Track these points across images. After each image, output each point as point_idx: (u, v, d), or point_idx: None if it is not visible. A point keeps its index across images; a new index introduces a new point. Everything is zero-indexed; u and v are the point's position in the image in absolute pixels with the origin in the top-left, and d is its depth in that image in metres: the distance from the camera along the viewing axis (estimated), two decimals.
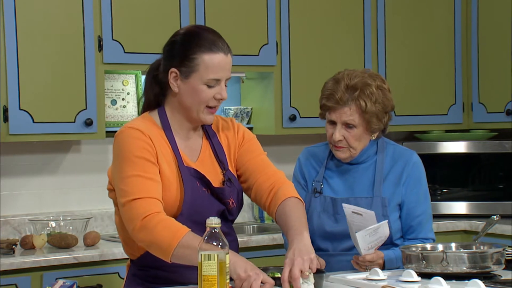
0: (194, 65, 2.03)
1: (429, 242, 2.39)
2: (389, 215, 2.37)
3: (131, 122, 2.09)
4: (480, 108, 4.03)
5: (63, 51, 3.23)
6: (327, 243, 2.41)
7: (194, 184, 2.06)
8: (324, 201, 2.42)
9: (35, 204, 3.47)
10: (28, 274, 2.94)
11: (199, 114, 2.07)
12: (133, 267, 2.14)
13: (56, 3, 3.22)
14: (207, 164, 2.12)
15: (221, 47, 2.06)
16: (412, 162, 2.41)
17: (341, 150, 2.37)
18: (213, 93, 2.06)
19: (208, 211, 2.06)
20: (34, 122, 3.19)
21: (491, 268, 2.10)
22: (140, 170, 1.99)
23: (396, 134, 4.17)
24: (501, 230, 3.47)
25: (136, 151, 2.01)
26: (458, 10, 4.07)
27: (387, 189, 2.39)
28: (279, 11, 3.68)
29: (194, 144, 2.14)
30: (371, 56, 3.89)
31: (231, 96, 3.93)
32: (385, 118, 2.37)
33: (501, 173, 3.89)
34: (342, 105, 2.32)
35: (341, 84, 2.32)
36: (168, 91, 2.10)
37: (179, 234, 1.92)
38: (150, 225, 1.94)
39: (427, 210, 2.42)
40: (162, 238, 1.92)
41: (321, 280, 2.02)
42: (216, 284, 1.84)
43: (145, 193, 1.97)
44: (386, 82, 2.38)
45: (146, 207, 1.96)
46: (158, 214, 1.95)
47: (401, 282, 2.07)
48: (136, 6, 3.38)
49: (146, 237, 1.95)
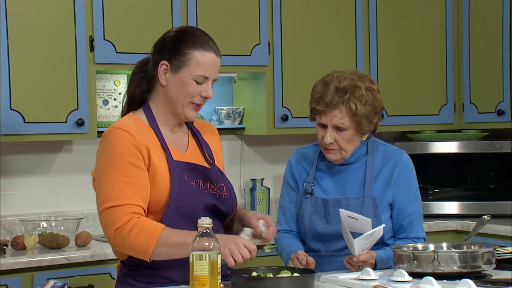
0: (186, 60, 2.08)
1: (420, 241, 2.40)
2: (380, 215, 2.38)
3: (118, 122, 2.11)
4: (472, 109, 4.04)
5: (55, 51, 3.22)
6: (318, 244, 2.42)
7: (181, 177, 2.08)
8: (315, 202, 2.42)
9: (26, 205, 3.46)
10: (19, 274, 2.93)
11: (183, 109, 2.10)
12: (123, 268, 2.14)
13: (47, 3, 3.21)
14: (195, 158, 2.16)
15: (213, 47, 2.12)
16: (403, 161, 2.42)
17: (333, 152, 2.37)
18: (199, 90, 2.10)
19: (196, 204, 2.08)
20: (25, 122, 3.18)
21: (481, 267, 2.11)
22: (121, 175, 2.02)
23: (388, 134, 4.18)
24: (492, 230, 3.49)
25: (119, 154, 2.03)
26: (450, 10, 4.09)
27: (378, 189, 2.40)
28: (271, 11, 3.69)
29: (181, 139, 2.17)
30: (363, 56, 3.90)
31: (223, 96, 3.93)
32: (375, 119, 2.37)
33: (492, 173, 3.91)
34: (333, 108, 2.32)
35: (331, 87, 2.32)
36: (155, 86, 2.13)
37: (154, 236, 1.96)
38: (123, 232, 1.98)
39: (418, 209, 2.43)
40: (138, 244, 1.98)
41: (312, 280, 2.02)
42: (208, 284, 1.84)
43: (121, 200, 2.00)
44: (375, 83, 2.38)
45: (120, 215, 1.99)
46: (130, 221, 1.99)
47: (393, 282, 2.07)
48: (128, 6, 3.37)
49: (122, 244, 2.00)
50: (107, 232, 2.02)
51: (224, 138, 3.93)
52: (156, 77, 2.11)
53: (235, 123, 3.86)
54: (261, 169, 4.01)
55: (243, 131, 3.89)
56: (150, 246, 1.97)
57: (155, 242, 1.96)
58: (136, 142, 2.04)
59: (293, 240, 2.44)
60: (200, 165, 2.14)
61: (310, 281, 2.00)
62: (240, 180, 3.97)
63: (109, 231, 2.01)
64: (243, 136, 3.96)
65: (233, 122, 3.86)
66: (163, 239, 1.97)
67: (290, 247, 2.40)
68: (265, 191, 3.90)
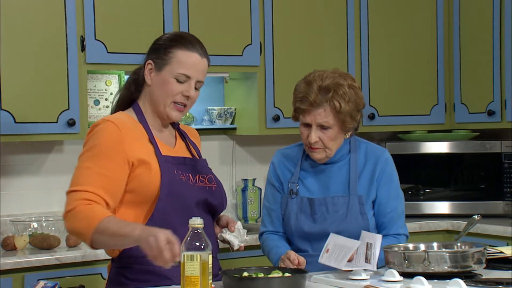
0: (168, 58, 2.12)
1: (402, 237, 2.42)
2: (366, 212, 2.39)
3: (110, 115, 2.16)
4: (462, 109, 4.06)
5: (46, 51, 3.21)
6: (306, 244, 2.42)
7: (171, 171, 2.10)
8: (301, 202, 2.42)
9: (17, 205, 3.45)
10: (10, 275, 2.92)
11: (165, 108, 2.14)
12: (114, 267, 2.15)
13: (38, 3, 3.20)
14: (184, 152, 2.20)
15: (197, 48, 2.15)
16: (384, 158, 2.43)
17: (317, 151, 2.38)
18: (181, 89, 2.12)
19: (188, 197, 2.11)
20: (16, 122, 3.17)
21: (472, 267, 2.12)
22: (93, 164, 2.05)
23: (379, 135, 4.19)
24: (482, 229, 3.50)
25: (100, 144, 2.07)
26: (440, 11, 4.10)
27: (363, 187, 2.41)
28: (262, 12, 3.69)
29: (169, 137, 2.21)
30: (354, 57, 3.90)
31: (215, 96, 3.93)
32: (358, 116, 2.38)
33: (483, 173, 3.92)
34: (316, 107, 2.33)
35: (314, 86, 2.33)
36: (143, 86, 2.18)
37: (94, 222, 1.97)
38: (71, 216, 2.01)
39: (399, 206, 2.45)
40: (80, 228, 2.00)
41: (303, 280, 2.02)
42: (199, 285, 1.84)
43: (81, 185, 2.03)
44: (356, 80, 2.40)
45: (73, 199, 2.03)
46: (79, 207, 2.00)
47: (384, 282, 2.08)
48: (119, 6, 3.36)
49: (68, 227, 2.04)
50: (63, 214, 2.06)
51: (215, 138, 3.93)
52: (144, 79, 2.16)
53: (226, 123, 3.86)
54: (252, 169, 4.01)
55: (235, 131, 3.89)
56: (90, 231, 1.97)
57: (94, 228, 1.97)
58: (122, 136, 2.07)
59: (280, 241, 2.45)
60: (189, 158, 2.18)
61: (301, 281, 2.01)
62: (232, 181, 3.97)
63: (64, 211, 2.05)
64: (234, 136, 3.96)
65: (224, 122, 3.86)
66: (102, 226, 1.96)
67: (278, 248, 2.39)
68: (256, 191, 3.90)
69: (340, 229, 2.37)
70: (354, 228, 2.37)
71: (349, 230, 2.37)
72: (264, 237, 2.48)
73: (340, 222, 2.38)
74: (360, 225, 2.37)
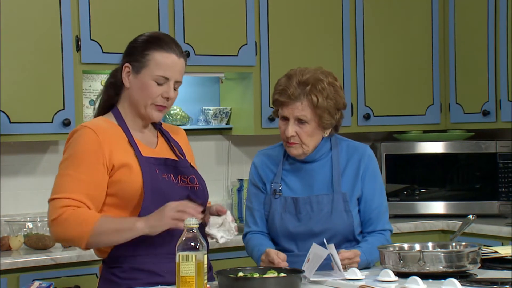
0: (145, 61, 2.13)
1: (387, 233, 2.43)
2: (351, 210, 2.39)
3: (88, 121, 2.17)
4: (457, 109, 4.06)
5: (41, 51, 3.21)
6: (291, 244, 2.41)
7: (153, 171, 2.12)
8: (284, 201, 2.42)
9: (12, 205, 3.44)
10: (5, 275, 2.92)
11: (146, 110, 2.15)
12: (105, 267, 2.16)
13: (33, 3, 3.20)
14: (165, 153, 2.20)
15: (174, 49, 2.15)
16: (367, 154, 2.44)
17: (294, 146, 2.39)
18: (161, 91, 2.13)
19: (171, 195, 2.11)
20: (11, 122, 3.16)
21: (467, 267, 2.12)
22: (74, 170, 2.07)
23: (374, 135, 4.19)
24: (477, 229, 3.51)
25: (79, 151, 2.08)
26: (436, 11, 4.11)
27: (346, 184, 2.41)
28: (258, 12, 3.69)
29: (150, 138, 2.22)
30: (349, 57, 3.91)
31: (210, 96, 3.93)
32: (337, 115, 2.38)
33: (478, 173, 3.93)
34: (294, 100, 2.34)
35: (293, 80, 2.35)
36: (122, 89, 2.19)
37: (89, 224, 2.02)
38: (58, 223, 2.04)
39: (384, 202, 2.46)
40: (72, 233, 2.03)
41: (299, 280, 2.02)
42: (194, 285, 1.84)
43: (62, 193, 2.05)
44: (338, 80, 2.41)
45: (56, 207, 2.05)
46: (64, 213, 2.04)
47: (379, 282, 2.08)
48: (114, 6, 3.36)
49: (58, 236, 2.07)
50: (48, 220, 2.09)
51: (211, 138, 3.93)
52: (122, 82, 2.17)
53: (222, 123, 3.86)
54: (248, 169, 3.98)
55: (230, 131, 3.89)
56: (86, 235, 2.02)
57: (89, 231, 2.02)
58: (100, 141, 2.09)
59: (263, 239, 2.44)
60: (170, 159, 2.18)
61: (296, 281, 2.01)
62: (228, 180, 3.97)
63: (49, 219, 2.07)
64: (230, 136, 3.96)
65: (220, 122, 3.86)
66: (97, 227, 2.02)
67: (261, 246, 2.39)
68: None
69: (325, 227, 2.37)
70: (339, 225, 2.37)
71: (334, 228, 2.37)
72: (248, 237, 2.47)
73: (325, 220, 2.38)
74: (345, 223, 2.37)
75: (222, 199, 3.94)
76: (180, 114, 3.75)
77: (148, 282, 2.08)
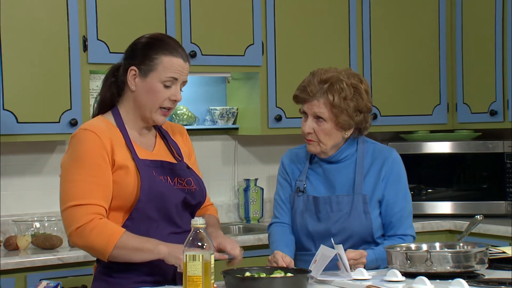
0: (154, 64, 2.14)
1: (408, 238, 2.41)
2: (370, 212, 2.39)
3: (87, 123, 2.17)
4: (465, 109, 4.05)
5: (48, 51, 3.22)
6: (310, 242, 2.43)
7: (150, 173, 2.13)
8: (306, 200, 2.44)
9: (19, 205, 3.45)
10: (12, 275, 2.92)
11: (152, 114, 2.16)
12: (99, 266, 2.19)
13: (40, 3, 3.20)
14: (162, 155, 2.21)
15: (181, 53, 2.17)
16: (392, 158, 2.44)
17: (311, 143, 2.41)
18: (168, 94, 2.15)
19: (167, 197, 2.13)
20: (18, 122, 3.17)
21: (474, 267, 2.11)
22: (87, 175, 2.07)
23: (381, 135, 4.19)
24: (484, 229, 3.50)
25: (86, 154, 2.09)
26: (443, 11, 4.10)
27: (368, 186, 2.41)
28: (264, 12, 3.69)
29: (149, 140, 2.23)
30: (356, 56, 3.90)
31: (217, 96, 3.93)
32: (357, 117, 2.38)
33: (485, 173, 3.92)
34: (312, 97, 2.37)
35: (315, 78, 2.38)
36: (125, 91, 2.19)
37: (113, 238, 2.03)
38: (85, 232, 2.04)
39: (407, 207, 2.44)
40: (98, 244, 2.05)
41: (305, 280, 2.02)
42: (201, 285, 1.84)
43: (85, 199, 2.06)
44: (364, 83, 2.41)
45: (83, 214, 2.05)
46: (92, 222, 2.05)
47: (386, 282, 2.07)
48: (121, 5, 3.37)
49: (82, 243, 2.07)
50: (68, 229, 2.08)
51: (217, 138, 3.93)
52: (126, 83, 2.17)
53: (228, 123, 3.86)
54: (255, 169, 4.01)
55: (237, 131, 3.89)
56: (109, 247, 2.04)
57: (114, 244, 2.03)
58: (102, 142, 2.10)
59: (285, 235, 2.45)
60: (166, 161, 2.19)
61: (303, 281, 2.00)
62: (234, 180, 3.97)
63: (70, 229, 2.06)
64: (236, 136, 3.96)
65: (226, 122, 3.86)
66: (122, 242, 2.04)
67: (277, 243, 2.40)
68: (259, 191, 3.90)
69: (342, 227, 2.38)
70: (356, 227, 2.37)
71: (352, 229, 2.38)
72: (272, 228, 2.50)
73: (343, 221, 2.39)
74: (363, 224, 2.38)
75: (228, 199, 3.95)
76: (187, 114, 3.75)
77: (140, 281, 2.11)
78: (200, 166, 2.35)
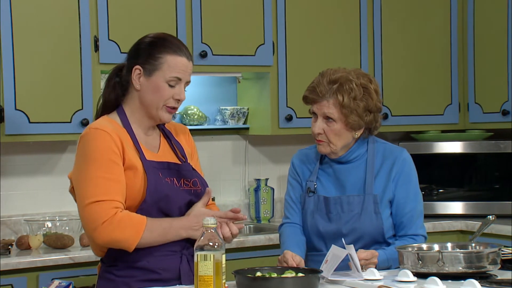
0: (158, 64, 2.15)
1: (419, 238, 2.41)
2: (381, 212, 2.38)
3: (95, 123, 2.17)
4: (476, 108, 4.03)
5: (59, 51, 3.23)
6: (321, 243, 2.43)
7: (156, 174, 2.14)
8: (317, 200, 2.44)
9: (31, 205, 3.47)
10: (24, 274, 2.94)
11: (158, 111, 2.17)
12: (103, 266, 2.20)
13: (52, 3, 3.22)
14: (167, 157, 2.22)
15: (185, 52, 2.19)
16: (402, 158, 2.43)
17: (321, 144, 2.41)
18: (172, 93, 2.16)
19: (174, 199, 2.15)
20: (30, 122, 3.19)
21: (487, 268, 2.10)
22: (103, 172, 2.08)
23: (392, 134, 4.18)
24: (496, 230, 3.48)
25: (100, 152, 2.09)
26: (454, 10, 4.08)
27: (378, 186, 2.41)
28: (275, 11, 3.69)
29: (154, 141, 2.24)
30: (367, 56, 3.89)
31: (228, 96, 3.94)
32: (367, 117, 2.38)
33: (497, 173, 3.90)
34: (322, 98, 2.37)
35: (325, 78, 2.38)
36: (129, 90, 2.20)
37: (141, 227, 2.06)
38: (112, 225, 2.06)
39: (418, 206, 2.44)
40: (127, 235, 2.06)
41: (316, 280, 2.02)
42: (212, 284, 1.84)
43: (106, 195, 2.07)
44: (373, 83, 2.40)
45: (106, 208, 2.06)
46: (117, 215, 2.07)
47: (397, 282, 2.07)
48: (132, 6, 3.37)
49: (108, 237, 2.07)
50: (92, 225, 2.07)
51: (228, 138, 3.93)
52: (130, 82, 2.18)
53: (239, 123, 3.86)
54: (265, 169, 4.01)
55: (248, 131, 3.90)
56: (137, 237, 2.06)
57: (141, 234, 2.06)
58: (114, 140, 2.11)
59: (295, 235, 2.45)
60: (172, 163, 2.20)
61: (314, 281, 2.00)
62: (245, 180, 3.97)
63: (95, 224, 2.06)
64: (247, 136, 3.96)
65: (237, 122, 3.86)
66: (150, 227, 2.07)
67: (288, 243, 2.41)
68: (269, 191, 3.90)
69: (353, 227, 2.37)
70: (367, 227, 2.37)
71: (362, 229, 2.37)
72: (283, 228, 2.50)
73: (354, 221, 2.38)
74: (373, 224, 2.37)
75: (239, 199, 3.95)
76: (198, 114, 3.76)
77: (144, 279, 2.12)
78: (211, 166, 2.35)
